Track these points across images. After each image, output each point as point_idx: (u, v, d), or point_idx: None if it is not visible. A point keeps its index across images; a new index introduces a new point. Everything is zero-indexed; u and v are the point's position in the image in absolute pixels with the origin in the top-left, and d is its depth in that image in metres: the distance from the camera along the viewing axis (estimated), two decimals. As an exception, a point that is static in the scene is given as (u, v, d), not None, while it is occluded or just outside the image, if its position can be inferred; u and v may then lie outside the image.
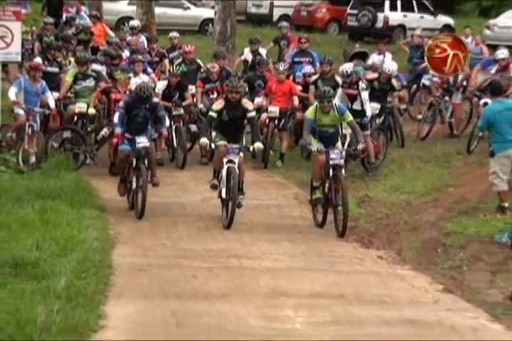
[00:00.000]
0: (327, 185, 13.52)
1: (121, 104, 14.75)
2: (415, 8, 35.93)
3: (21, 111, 16.67)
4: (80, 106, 16.97)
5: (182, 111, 17.50)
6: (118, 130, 13.95)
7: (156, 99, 14.98)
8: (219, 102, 13.85)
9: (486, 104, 18.03)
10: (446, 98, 21.41)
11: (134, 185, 13.70)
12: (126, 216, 14.05)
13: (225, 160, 13.45)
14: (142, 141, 13.68)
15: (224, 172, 13.44)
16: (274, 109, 17.43)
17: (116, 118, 14.11)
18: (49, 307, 9.27)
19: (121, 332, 9.40)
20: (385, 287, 11.85)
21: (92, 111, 16.94)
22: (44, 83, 17.07)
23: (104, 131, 16.95)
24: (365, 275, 12.23)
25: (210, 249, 12.89)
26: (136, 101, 13.96)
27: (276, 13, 37.31)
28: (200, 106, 17.74)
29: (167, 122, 14.75)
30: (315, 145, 13.44)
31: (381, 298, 11.13)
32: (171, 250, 12.62)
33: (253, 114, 13.98)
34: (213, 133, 13.84)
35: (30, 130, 16.42)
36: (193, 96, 18.18)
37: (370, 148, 17.41)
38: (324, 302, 10.74)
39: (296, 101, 17.79)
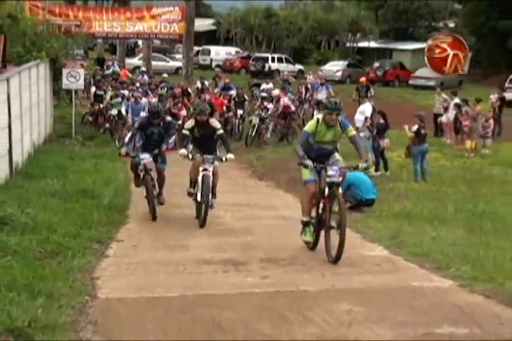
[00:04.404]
0: (321, 205, 11.25)
1: (136, 124, 14.97)
2: (284, 61, 60.54)
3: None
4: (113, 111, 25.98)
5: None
6: (124, 149, 14.25)
7: (169, 118, 15.36)
8: (190, 122, 13.99)
9: None
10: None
11: (145, 193, 14.03)
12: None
13: (201, 168, 13.50)
14: (145, 157, 13.84)
15: (200, 178, 13.49)
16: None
17: (126, 138, 14.68)
18: (100, 212, 13.48)
19: (134, 226, 13.38)
20: (270, 200, 16.72)
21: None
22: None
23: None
24: (260, 195, 17.19)
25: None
26: (149, 119, 14.12)
27: (214, 63, 60.44)
28: None
29: (173, 139, 15.08)
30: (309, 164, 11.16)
31: (268, 206, 15.83)
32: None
33: (221, 131, 13.98)
34: (190, 146, 13.93)
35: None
36: None
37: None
38: (240, 208, 15.05)
39: (224, 108, 27.80)
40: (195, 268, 10.44)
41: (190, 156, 13.56)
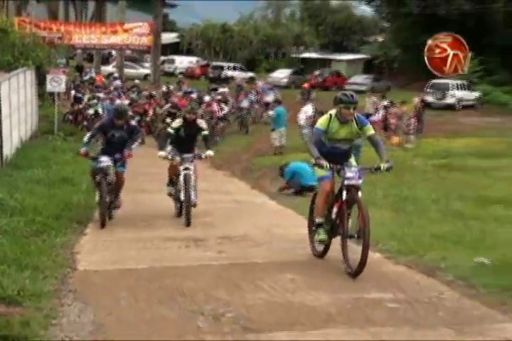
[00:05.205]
0: (335, 210, 9.00)
1: (96, 125, 13.39)
2: (238, 69, 60.24)
3: None
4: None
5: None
6: (83, 149, 11.96)
7: (133, 122, 13.51)
8: (178, 121, 12.50)
9: None
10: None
11: (97, 199, 11.87)
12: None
13: (181, 168, 12.16)
14: (104, 160, 11.75)
15: (181, 178, 12.12)
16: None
17: (86, 138, 12.09)
18: (79, 197, 13.50)
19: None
20: (226, 187, 16.87)
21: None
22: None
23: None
24: (217, 182, 17.21)
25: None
26: (113, 121, 12.01)
27: (177, 71, 59.01)
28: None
29: (135, 145, 12.07)
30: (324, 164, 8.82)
31: (224, 191, 16.00)
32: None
33: (207, 132, 12.76)
34: (169, 147, 12.56)
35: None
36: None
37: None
38: (202, 193, 13.67)
39: None
40: (161, 244, 10.42)
41: (169, 157, 12.29)
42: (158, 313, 7.10)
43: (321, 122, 9.20)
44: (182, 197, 12.09)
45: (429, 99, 40.05)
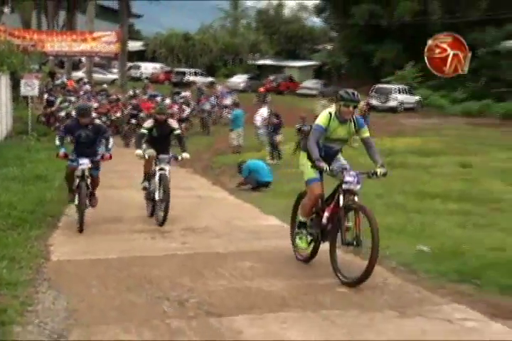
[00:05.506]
0: (326, 215, 8.01)
1: (61, 127, 12.46)
2: (198, 74, 59.10)
3: None
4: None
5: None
6: (62, 151, 10.86)
7: (98, 121, 12.19)
8: (149, 121, 11.94)
9: None
10: None
11: (76, 202, 10.78)
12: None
13: (157, 168, 11.47)
14: (84, 163, 10.78)
15: (157, 178, 11.38)
16: (142, 114, 25.24)
17: (57, 141, 10.95)
18: (52, 193, 13.27)
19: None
20: (188, 183, 16.55)
21: None
22: None
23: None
24: (180, 178, 16.15)
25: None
26: (78, 121, 11.05)
27: (143, 76, 58.02)
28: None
29: (111, 144, 11.24)
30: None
31: (187, 187, 15.58)
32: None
33: (179, 131, 11.96)
34: (144, 145, 11.84)
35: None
36: None
37: None
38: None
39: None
40: (129, 236, 10.34)
41: (146, 156, 11.62)
42: (126, 299, 7.05)
43: (322, 120, 8.05)
44: (156, 196, 11.37)
45: (374, 102, 40.45)
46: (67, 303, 6.91)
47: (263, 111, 23.92)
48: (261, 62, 69.00)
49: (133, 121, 25.51)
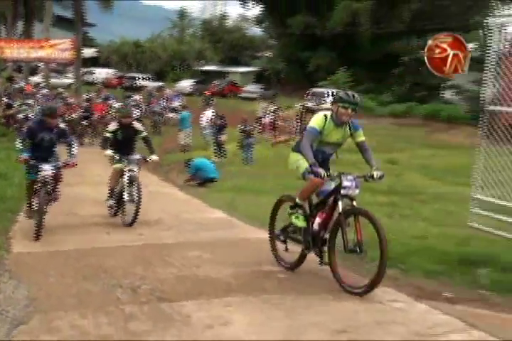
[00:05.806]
0: (318, 221, 7.15)
1: (24, 129, 10.60)
2: (148, 79, 59.84)
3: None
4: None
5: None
6: (25, 155, 9.73)
7: (62, 125, 10.35)
8: (113, 124, 11.01)
9: None
10: None
11: (36, 207, 9.74)
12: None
13: (126, 169, 10.65)
14: (46, 169, 9.64)
15: (126, 178, 10.58)
16: (95, 117, 25.57)
17: (19, 145, 9.84)
18: (12, 190, 12.90)
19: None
20: (159, 185, 16.09)
21: None
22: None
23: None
24: (153, 183, 15.93)
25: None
26: (42, 123, 9.86)
27: (97, 81, 56.90)
28: None
29: (75, 151, 10.10)
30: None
31: (158, 190, 14.66)
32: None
33: (145, 133, 11.17)
34: (109, 150, 10.72)
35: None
36: None
37: None
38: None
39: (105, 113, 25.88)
40: (85, 229, 10.24)
41: (116, 157, 10.74)
42: (83, 288, 6.98)
43: (317, 122, 7.11)
44: (125, 197, 10.55)
45: (309, 104, 40.49)
46: (27, 292, 6.80)
47: (208, 113, 23.95)
48: (206, 68, 68.90)
49: (84, 122, 25.93)
